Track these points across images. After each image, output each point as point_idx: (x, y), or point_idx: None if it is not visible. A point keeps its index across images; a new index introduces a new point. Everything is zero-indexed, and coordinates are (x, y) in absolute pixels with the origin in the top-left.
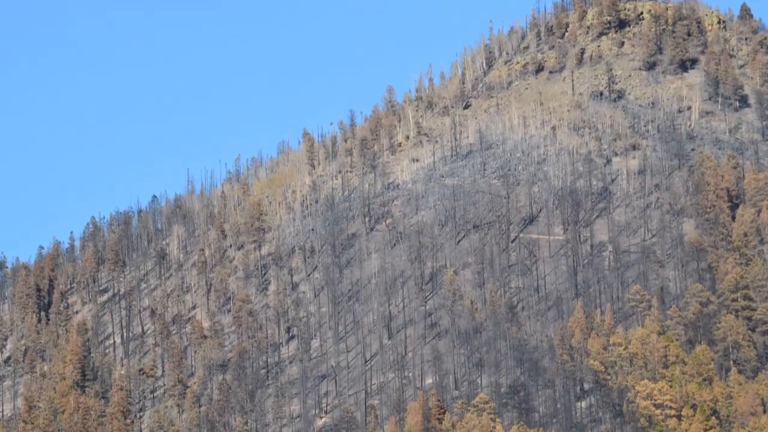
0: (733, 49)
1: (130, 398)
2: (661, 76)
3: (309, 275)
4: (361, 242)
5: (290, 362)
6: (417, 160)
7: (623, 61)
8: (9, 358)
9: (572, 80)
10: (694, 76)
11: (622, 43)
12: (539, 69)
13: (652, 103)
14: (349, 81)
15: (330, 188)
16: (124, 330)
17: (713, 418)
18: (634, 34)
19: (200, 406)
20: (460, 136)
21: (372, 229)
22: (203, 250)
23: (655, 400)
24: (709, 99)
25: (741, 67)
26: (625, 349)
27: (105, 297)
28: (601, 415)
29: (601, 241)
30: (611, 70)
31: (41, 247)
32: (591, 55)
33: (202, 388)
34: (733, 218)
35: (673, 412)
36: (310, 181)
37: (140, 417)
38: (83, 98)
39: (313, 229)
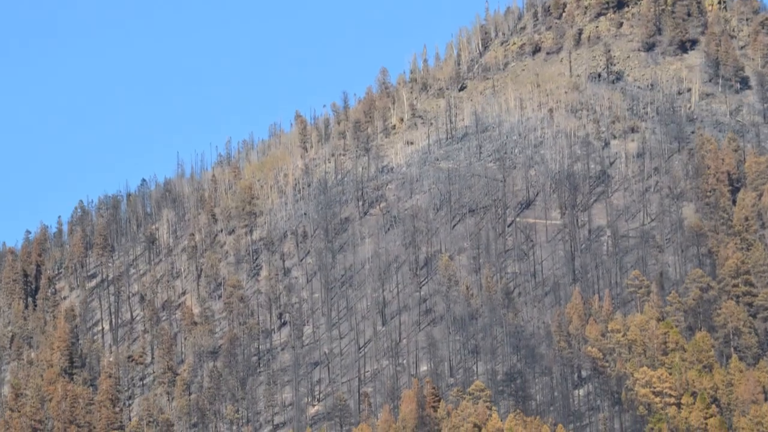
0: (733, 30)
1: (118, 386)
2: (660, 57)
3: (301, 260)
4: (354, 227)
5: (282, 349)
6: (411, 143)
7: (622, 42)
8: None
9: (570, 61)
10: (694, 58)
11: (621, 24)
12: (536, 50)
13: (651, 85)
14: (343, 62)
15: (323, 172)
16: (113, 316)
17: (713, 406)
18: (632, 14)
19: (190, 394)
20: (456, 118)
21: (365, 214)
22: (193, 234)
23: (655, 388)
24: (710, 81)
25: (742, 48)
26: (623, 336)
27: (93, 282)
28: (599, 402)
29: (599, 225)
30: (609, 51)
31: (28, 232)
32: (589, 36)
33: (192, 375)
34: (734, 202)
35: (672, 399)
36: (302, 164)
37: (129, 405)
38: (71, 81)
39: (305, 213)
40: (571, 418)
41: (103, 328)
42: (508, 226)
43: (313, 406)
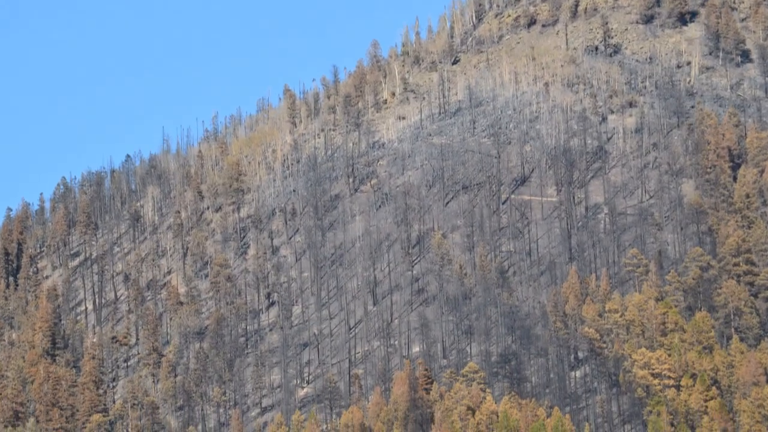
0: (734, 2)
1: (102, 367)
2: (659, 29)
3: (290, 238)
4: (344, 204)
5: (270, 330)
6: (403, 118)
7: (619, 14)
8: None
9: (566, 34)
10: (694, 30)
11: None
12: (531, 22)
13: (650, 58)
14: (333, 35)
15: (312, 147)
16: (97, 296)
17: (714, 388)
18: None
19: (176, 376)
20: (449, 92)
21: (356, 191)
22: (179, 212)
23: (653, 370)
24: (710, 54)
25: (743, 20)
26: (621, 316)
27: (76, 261)
28: (596, 385)
29: (596, 202)
30: (607, 23)
31: (9, 209)
32: (585, 8)
33: (177, 356)
34: (735, 179)
35: (671, 381)
36: (291, 139)
37: (113, 387)
38: (55, 54)
39: (294, 190)
40: (567, 400)
41: (86, 308)
42: (503, 204)
43: (302, 388)
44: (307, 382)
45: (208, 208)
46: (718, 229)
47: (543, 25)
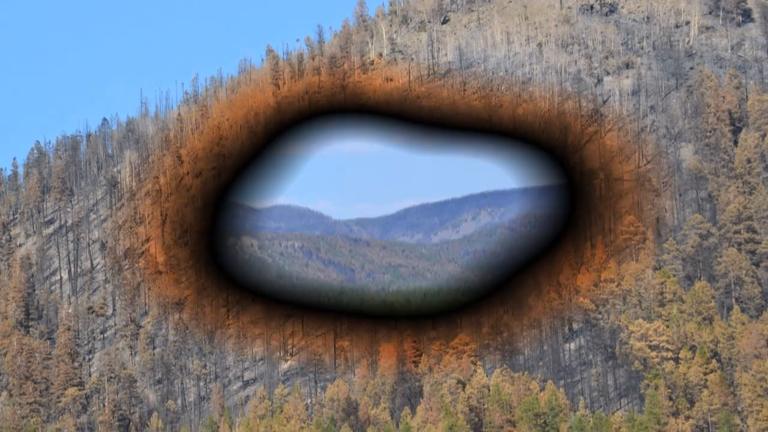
0: None
1: (78, 339)
2: None
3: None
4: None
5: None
6: (391, 80)
7: None
8: None
9: None
10: None
11: None
12: None
13: (647, 18)
14: None
15: (296, 110)
16: (72, 265)
17: (714, 360)
18: None
19: (154, 348)
20: (438, 53)
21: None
22: (158, 177)
23: (651, 341)
24: (710, 13)
25: None
26: (617, 286)
27: (51, 229)
28: (592, 357)
29: (591, 167)
30: None
31: None
32: None
33: (156, 328)
34: (736, 143)
35: (670, 354)
36: (274, 102)
37: (89, 359)
38: (28, 15)
39: None
40: (561, 374)
41: (61, 278)
42: None
43: (286, 360)
44: (291, 355)
45: (187, 173)
46: (719, 195)
47: None
